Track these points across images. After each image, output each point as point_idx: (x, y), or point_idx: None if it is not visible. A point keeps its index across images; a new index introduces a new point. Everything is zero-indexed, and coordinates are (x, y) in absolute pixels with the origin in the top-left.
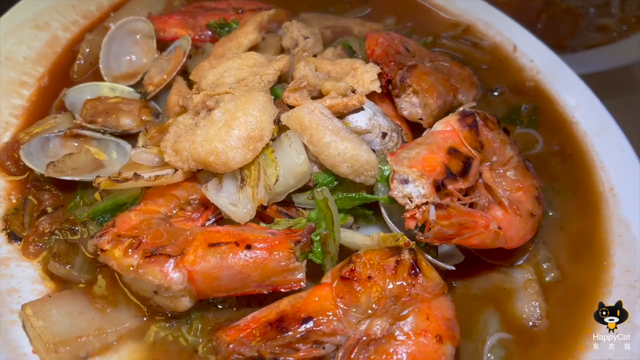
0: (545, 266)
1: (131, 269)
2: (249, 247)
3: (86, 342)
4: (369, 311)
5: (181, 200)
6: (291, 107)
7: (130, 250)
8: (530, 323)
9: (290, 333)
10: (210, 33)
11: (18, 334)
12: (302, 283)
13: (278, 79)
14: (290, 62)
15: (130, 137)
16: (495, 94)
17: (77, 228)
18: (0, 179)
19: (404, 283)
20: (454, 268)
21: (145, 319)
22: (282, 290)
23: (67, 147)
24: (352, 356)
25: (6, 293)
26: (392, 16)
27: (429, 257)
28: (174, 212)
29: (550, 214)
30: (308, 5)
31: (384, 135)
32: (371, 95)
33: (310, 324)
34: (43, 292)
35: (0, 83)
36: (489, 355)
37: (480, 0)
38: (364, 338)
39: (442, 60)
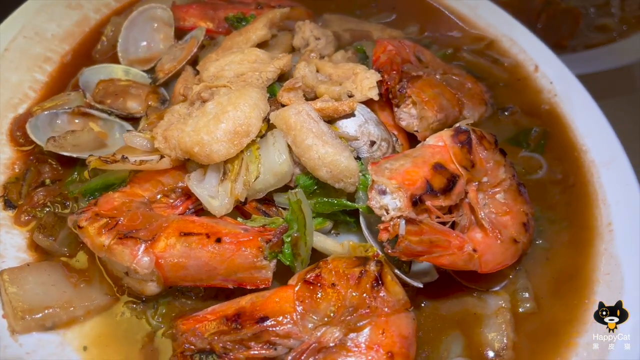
0: (522, 296)
1: (102, 248)
2: (218, 240)
3: (53, 314)
4: (326, 319)
5: (166, 187)
6: (284, 106)
7: (104, 230)
8: (494, 353)
9: (244, 330)
10: (227, 26)
11: None
12: (268, 282)
13: (280, 77)
14: (293, 62)
15: (135, 120)
16: (506, 113)
17: (68, 203)
18: (9, 148)
19: (365, 295)
20: (421, 285)
21: (114, 298)
22: (248, 287)
23: (74, 124)
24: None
25: None
26: (415, 24)
27: (398, 272)
28: (158, 197)
29: (539, 242)
30: (335, 6)
31: (372, 143)
32: (372, 103)
33: (265, 324)
34: (25, 261)
35: (25, 57)
36: None
37: (509, 16)
38: (315, 344)
39: (457, 74)
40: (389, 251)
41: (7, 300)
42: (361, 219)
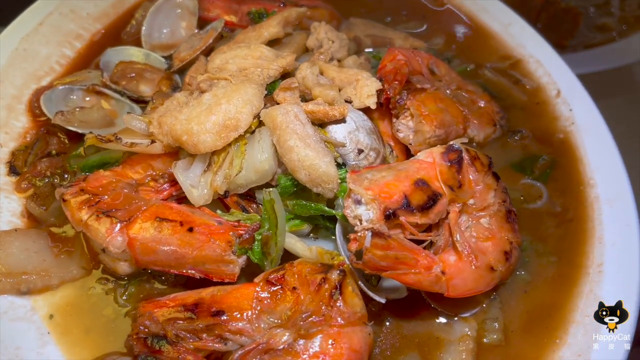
0: (491, 326)
1: (80, 222)
2: (190, 229)
3: (30, 280)
4: (280, 321)
5: (156, 172)
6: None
7: (85, 206)
8: None
9: (198, 321)
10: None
11: None
12: (233, 277)
13: (285, 76)
14: (302, 62)
15: (146, 103)
16: (516, 137)
17: (67, 176)
18: (25, 117)
19: (322, 302)
20: (383, 301)
21: (89, 272)
22: (214, 279)
23: (87, 101)
24: (246, 359)
25: None
26: (442, 36)
27: (362, 284)
28: (147, 180)
29: (521, 274)
30: (366, 10)
31: (360, 152)
32: (372, 111)
33: (220, 318)
34: (17, 226)
35: (57, 33)
36: None
37: (540, 37)
38: (264, 345)
39: (471, 91)
40: (354, 262)
41: None
42: (337, 226)
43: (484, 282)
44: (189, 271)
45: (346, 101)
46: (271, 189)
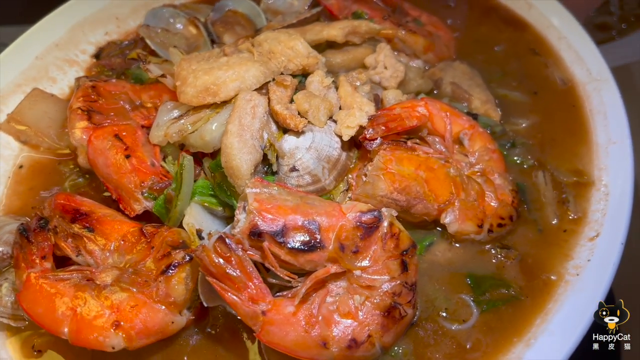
0: None
1: (71, 109)
2: (128, 156)
3: (29, 134)
4: (122, 264)
5: (160, 102)
6: None
7: (82, 97)
8: None
9: (71, 225)
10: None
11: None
12: (132, 213)
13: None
14: (321, 67)
15: None
16: (501, 254)
17: (123, 76)
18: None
19: (154, 271)
20: (206, 304)
21: (68, 150)
22: (121, 206)
23: (180, 28)
24: (71, 276)
25: (47, 78)
26: (533, 119)
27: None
28: (149, 105)
29: None
30: (484, 58)
31: (294, 170)
32: (362, 147)
33: (87, 233)
34: (63, 95)
35: None
36: None
37: (631, 173)
38: (91, 273)
39: (492, 182)
40: (195, 253)
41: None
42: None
43: (306, 351)
44: (111, 189)
45: (333, 121)
46: (188, 156)
